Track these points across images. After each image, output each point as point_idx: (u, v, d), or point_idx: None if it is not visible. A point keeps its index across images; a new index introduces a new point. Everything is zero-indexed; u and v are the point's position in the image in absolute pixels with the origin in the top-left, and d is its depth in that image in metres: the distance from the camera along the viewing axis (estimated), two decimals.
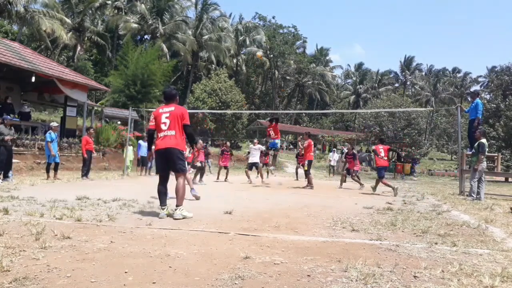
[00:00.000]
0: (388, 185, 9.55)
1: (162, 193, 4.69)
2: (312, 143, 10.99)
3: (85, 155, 10.99)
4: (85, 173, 10.89)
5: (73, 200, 5.61)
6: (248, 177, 11.73)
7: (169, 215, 4.56)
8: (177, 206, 4.58)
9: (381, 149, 9.87)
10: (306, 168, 10.65)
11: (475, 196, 8.19)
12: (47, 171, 10.24)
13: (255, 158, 11.65)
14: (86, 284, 2.17)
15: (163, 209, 4.61)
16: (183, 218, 4.45)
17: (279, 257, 2.89)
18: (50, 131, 10.46)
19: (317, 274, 2.50)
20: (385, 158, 10.04)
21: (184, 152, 4.84)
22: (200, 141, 10.68)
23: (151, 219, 4.31)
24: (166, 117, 4.66)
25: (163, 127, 4.65)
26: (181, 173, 4.71)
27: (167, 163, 4.71)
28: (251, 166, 11.81)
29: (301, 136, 11.22)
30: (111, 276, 2.31)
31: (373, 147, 10.56)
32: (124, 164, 13.80)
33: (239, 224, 4.29)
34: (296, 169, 16.03)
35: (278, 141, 11.19)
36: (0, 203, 5.02)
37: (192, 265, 2.61)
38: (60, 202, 5.34)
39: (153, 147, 5.15)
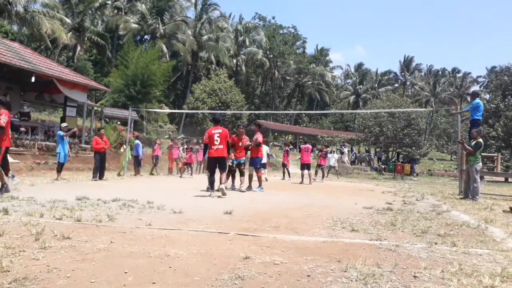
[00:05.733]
0: (249, 181, 8.93)
1: (213, 182, 7.49)
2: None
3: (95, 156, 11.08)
4: (93, 175, 10.85)
5: (73, 200, 5.61)
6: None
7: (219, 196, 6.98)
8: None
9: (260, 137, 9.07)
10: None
11: (478, 195, 8.17)
12: (58, 170, 10.27)
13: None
14: (86, 284, 2.17)
15: (213, 191, 7.37)
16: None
17: (279, 257, 2.89)
18: (60, 131, 10.74)
19: (317, 274, 2.50)
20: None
21: (227, 158, 7.80)
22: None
23: (151, 219, 4.31)
24: (217, 136, 7.44)
25: (215, 142, 7.43)
26: (225, 170, 7.67)
27: (217, 165, 7.51)
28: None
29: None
30: (111, 276, 2.31)
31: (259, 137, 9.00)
32: (124, 165, 13.73)
33: (239, 224, 4.29)
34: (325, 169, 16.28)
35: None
36: (0, 203, 5.02)
37: (192, 265, 2.61)
38: (60, 202, 5.34)
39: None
